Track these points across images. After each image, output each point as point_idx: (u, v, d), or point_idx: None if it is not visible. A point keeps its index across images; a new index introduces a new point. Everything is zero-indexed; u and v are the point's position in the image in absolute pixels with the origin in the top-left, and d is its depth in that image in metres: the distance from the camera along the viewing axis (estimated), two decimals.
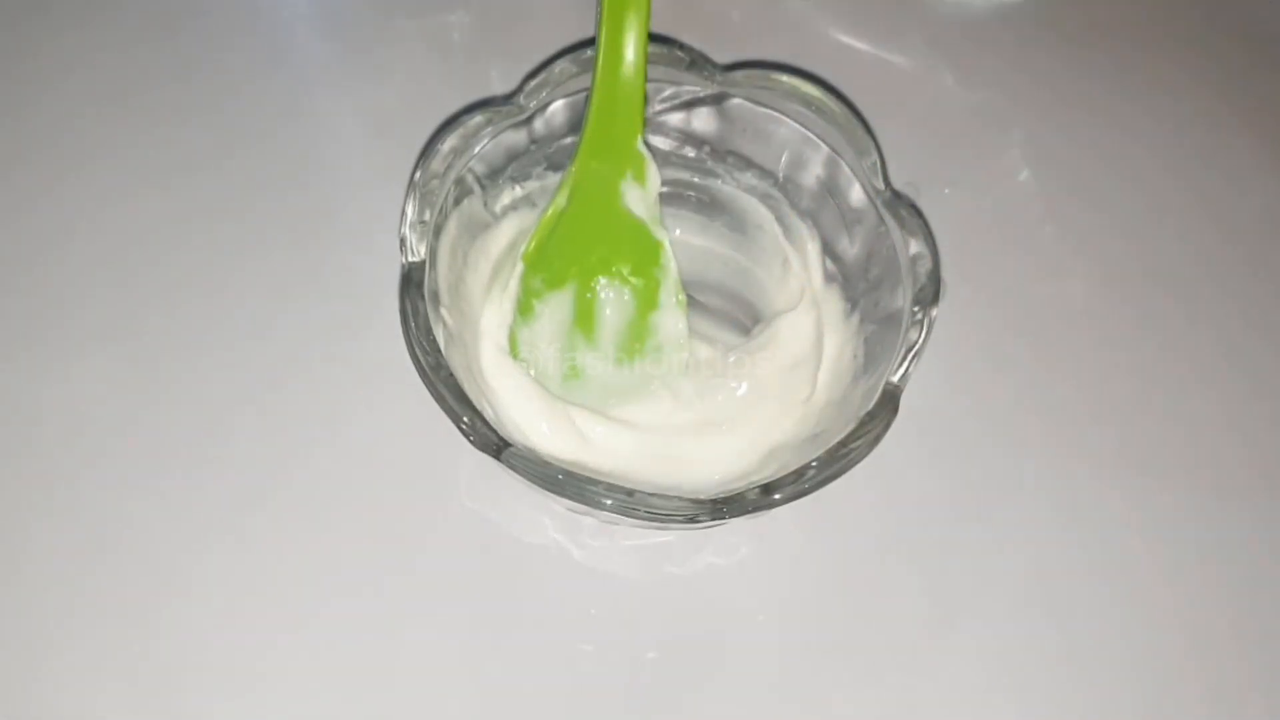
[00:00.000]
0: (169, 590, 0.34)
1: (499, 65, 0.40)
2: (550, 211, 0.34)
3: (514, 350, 0.34)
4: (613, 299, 0.34)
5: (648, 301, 0.34)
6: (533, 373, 0.34)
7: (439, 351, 0.30)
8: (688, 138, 0.36)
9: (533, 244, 0.34)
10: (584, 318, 0.35)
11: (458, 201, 0.33)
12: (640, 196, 0.34)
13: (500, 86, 0.39)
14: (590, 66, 0.33)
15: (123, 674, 0.33)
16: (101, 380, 0.36)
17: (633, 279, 0.34)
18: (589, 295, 0.34)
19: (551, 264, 0.34)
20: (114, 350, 0.37)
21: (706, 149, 0.36)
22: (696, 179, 0.37)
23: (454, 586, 0.34)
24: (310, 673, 0.33)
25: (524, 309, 0.34)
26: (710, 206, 0.37)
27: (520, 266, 0.34)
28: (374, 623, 0.34)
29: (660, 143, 0.36)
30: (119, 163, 0.39)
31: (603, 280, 0.34)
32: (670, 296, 0.34)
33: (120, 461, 0.35)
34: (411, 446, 0.35)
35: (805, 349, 0.35)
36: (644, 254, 0.34)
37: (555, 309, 0.34)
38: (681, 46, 0.34)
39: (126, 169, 0.39)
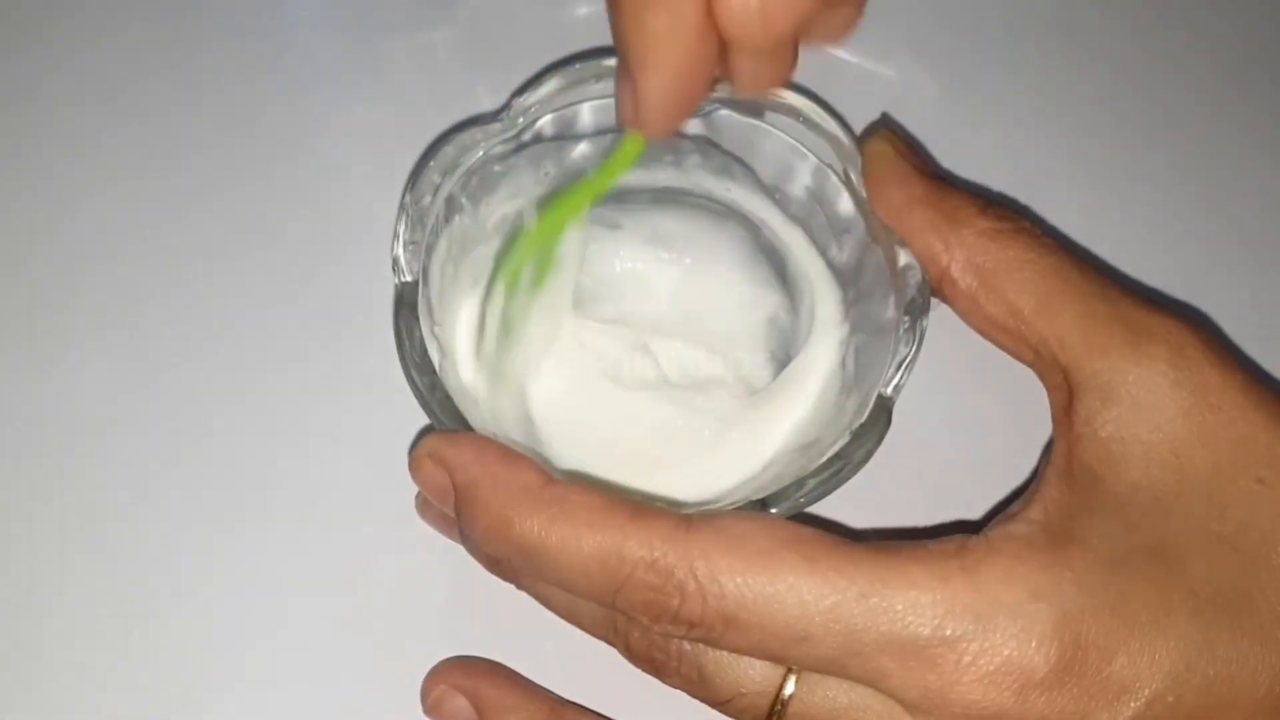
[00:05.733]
0: (166, 589, 0.34)
1: (486, 81, 0.40)
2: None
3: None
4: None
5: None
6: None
7: (433, 371, 0.30)
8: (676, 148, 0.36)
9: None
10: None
11: (448, 219, 0.33)
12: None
13: (488, 103, 0.39)
14: (583, 79, 0.33)
15: (120, 673, 0.33)
16: (96, 380, 0.36)
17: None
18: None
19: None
20: (108, 349, 0.37)
21: (695, 159, 0.36)
22: (685, 187, 0.37)
23: (450, 592, 0.34)
24: (313, 675, 0.33)
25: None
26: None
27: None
28: (374, 624, 0.34)
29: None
30: (114, 177, 0.39)
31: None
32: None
33: (116, 459, 0.35)
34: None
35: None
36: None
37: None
38: None
39: (122, 182, 0.39)
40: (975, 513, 0.35)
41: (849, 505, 0.32)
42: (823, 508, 0.30)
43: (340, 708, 0.33)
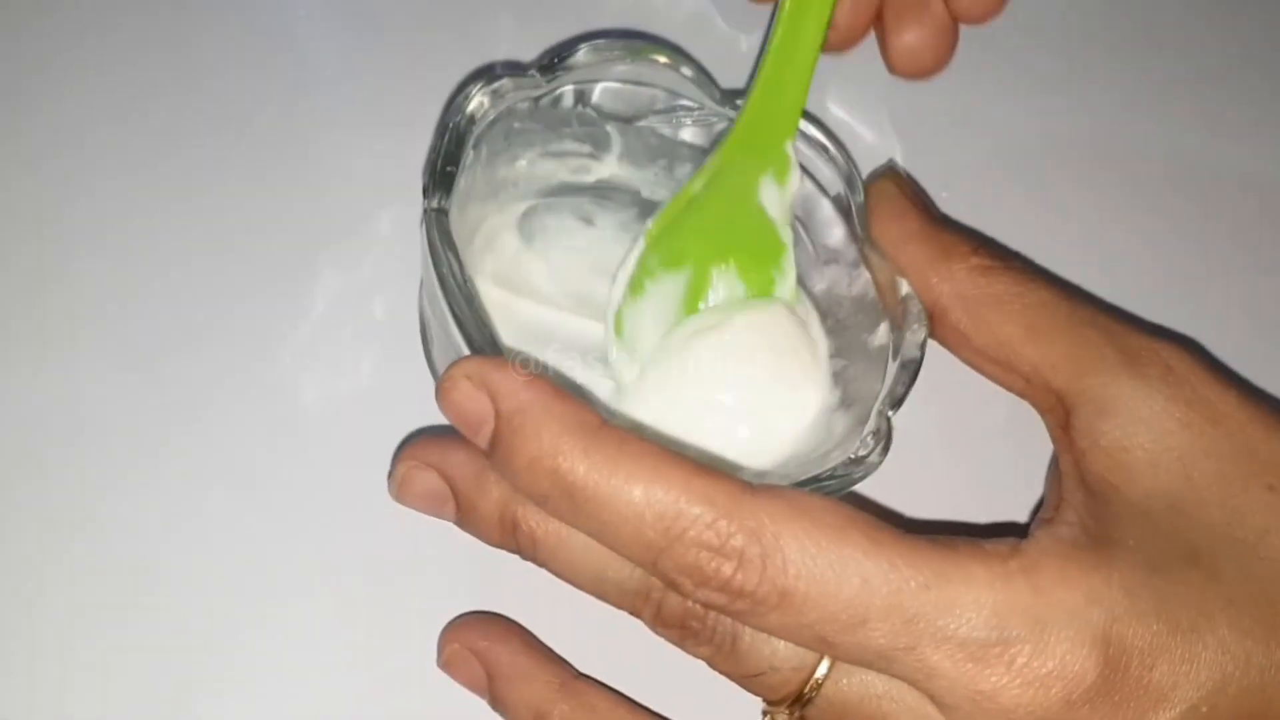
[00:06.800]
0: (165, 585, 0.33)
1: (509, 11, 0.39)
2: (682, 194, 0.33)
3: (618, 329, 0.33)
4: (724, 287, 0.34)
5: (760, 294, 0.34)
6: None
7: (476, 295, 0.28)
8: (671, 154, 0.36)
9: (658, 225, 0.33)
10: (692, 301, 0.34)
11: (474, 162, 0.31)
12: (777, 196, 0.33)
13: (510, 40, 0.38)
14: (610, 58, 0.33)
15: (119, 672, 0.32)
16: (94, 375, 0.35)
17: (750, 272, 0.34)
18: (702, 280, 0.34)
19: (672, 245, 0.33)
20: (106, 344, 0.36)
21: (689, 168, 0.36)
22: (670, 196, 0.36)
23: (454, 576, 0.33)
24: (315, 671, 0.32)
25: (636, 287, 0.33)
26: None
27: (641, 244, 0.33)
28: (382, 611, 0.33)
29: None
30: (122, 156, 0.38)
31: (719, 268, 0.34)
32: (784, 293, 0.34)
33: (116, 459, 0.34)
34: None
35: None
36: (766, 252, 0.34)
37: (666, 289, 0.33)
38: (689, 59, 0.34)
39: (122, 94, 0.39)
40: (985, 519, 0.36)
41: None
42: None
43: (343, 699, 0.32)
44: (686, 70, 0.34)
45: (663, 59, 0.33)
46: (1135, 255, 0.41)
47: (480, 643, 0.30)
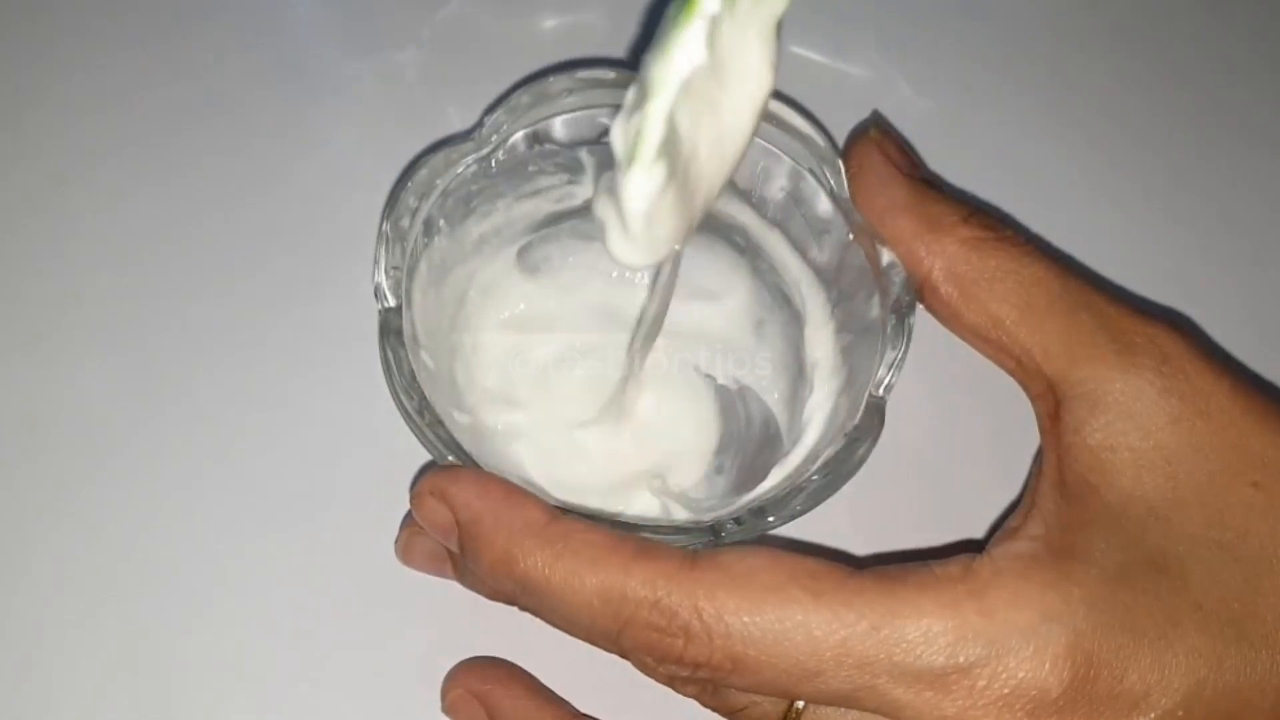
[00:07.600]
0: (165, 591, 0.34)
1: (457, 101, 0.39)
2: None
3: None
4: None
5: None
6: None
7: (423, 396, 0.30)
8: None
9: None
10: None
11: (427, 242, 0.32)
12: None
13: (460, 122, 0.39)
14: (548, 94, 0.33)
15: (119, 676, 0.33)
16: (100, 384, 0.37)
17: None
18: None
19: None
20: (110, 353, 0.37)
21: None
22: None
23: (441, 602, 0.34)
24: (315, 675, 0.34)
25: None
26: None
27: None
28: (385, 631, 0.35)
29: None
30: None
31: None
32: None
33: (118, 463, 0.36)
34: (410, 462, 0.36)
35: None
36: None
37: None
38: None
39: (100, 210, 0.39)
40: (970, 517, 0.35)
41: (842, 512, 0.32)
42: (820, 531, 0.29)
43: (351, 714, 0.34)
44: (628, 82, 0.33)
45: (603, 80, 0.34)
46: (1130, 222, 0.40)
47: (482, 687, 0.32)
